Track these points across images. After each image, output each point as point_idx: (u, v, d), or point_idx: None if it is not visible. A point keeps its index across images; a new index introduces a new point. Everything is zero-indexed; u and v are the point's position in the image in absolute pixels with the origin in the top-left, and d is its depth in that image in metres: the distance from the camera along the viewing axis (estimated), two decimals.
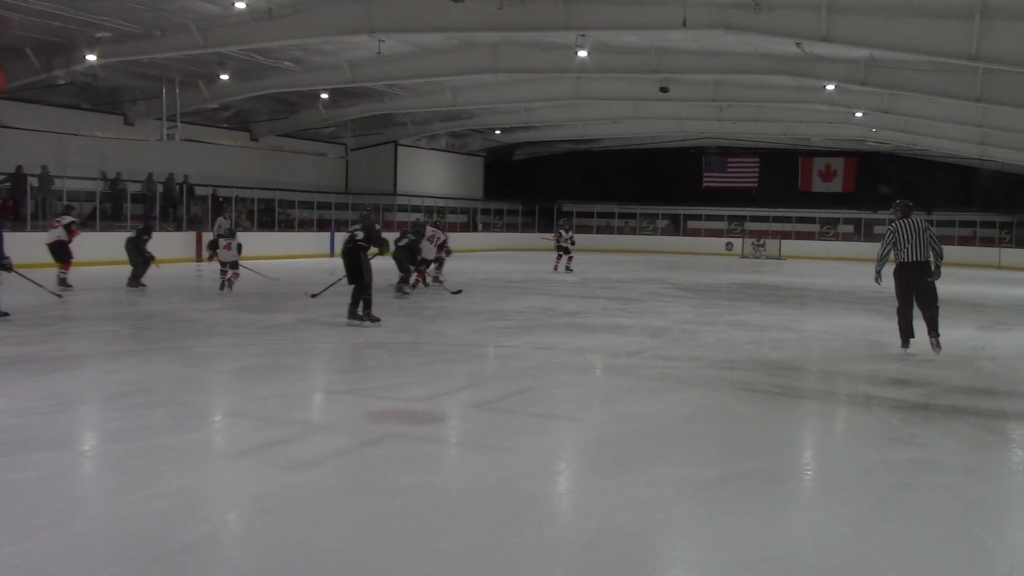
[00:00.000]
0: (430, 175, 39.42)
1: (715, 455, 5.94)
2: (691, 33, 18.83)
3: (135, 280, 16.14)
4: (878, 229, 39.70)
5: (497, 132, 38.41)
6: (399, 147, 37.29)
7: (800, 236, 39.96)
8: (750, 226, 41.19)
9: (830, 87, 23.41)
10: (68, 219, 15.89)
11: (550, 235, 27.40)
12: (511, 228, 42.25)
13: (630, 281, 14.23)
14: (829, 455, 6.30)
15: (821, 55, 20.75)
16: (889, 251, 10.36)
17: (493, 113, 33.30)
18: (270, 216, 30.31)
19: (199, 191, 27.95)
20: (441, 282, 17.39)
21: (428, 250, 16.53)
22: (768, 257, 37.18)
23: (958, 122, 26.59)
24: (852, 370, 9.56)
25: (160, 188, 26.32)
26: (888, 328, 13.01)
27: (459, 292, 15.98)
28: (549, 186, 43.60)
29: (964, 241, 37.93)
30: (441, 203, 36.94)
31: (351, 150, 36.32)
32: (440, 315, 13.54)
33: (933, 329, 10.24)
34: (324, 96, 28.54)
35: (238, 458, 5.53)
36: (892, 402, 7.76)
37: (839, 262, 34.45)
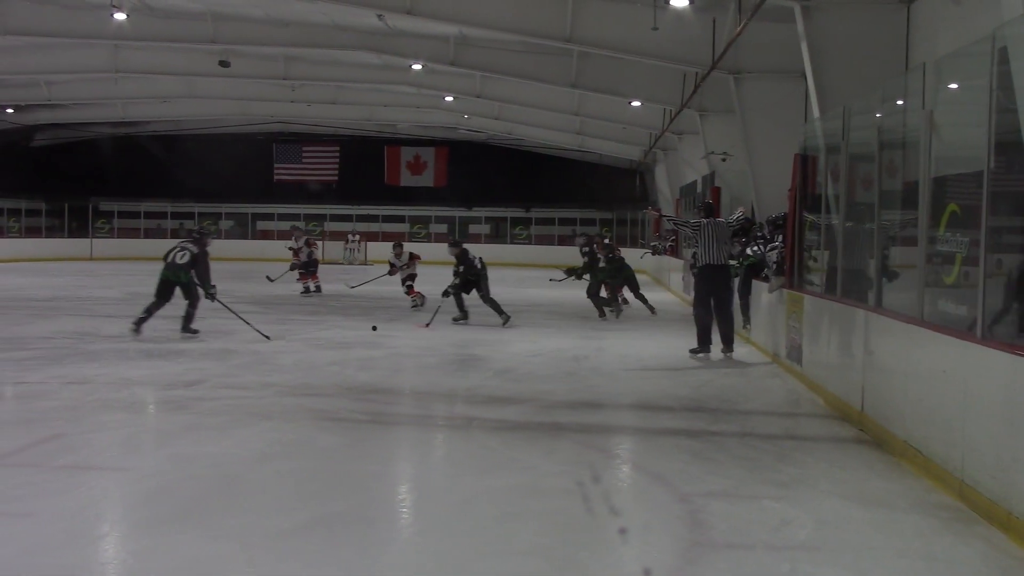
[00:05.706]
0: None
1: (295, 498, 5.99)
2: None
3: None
4: (474, 228, 42.07)
5: (9, 111, 35.74)
6: None
7: (388, 237, 40.80)
8: (331, 226, 41.70)
9: (417, 67, 24.41)
10: None
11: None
12: (32, 232, 39.44)
13: None
14: (424, 488, 6.59)
15: (406, 30, 21.60)
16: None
17: (1, 86, 30.99)
18: None
19: None
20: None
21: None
22: (351, 263, 37.59)
23: (554, 110, 28.85)
24: (449, 389, 10.07)
25: None
26: (487, 340, 13.85)
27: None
28: (82, 179, 41.35)
29: (564, 240, 41.25)
30: None
31: None
32: None
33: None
34: None
35: None
36: (492, 423, 8.28)
37: (436, 267, 35.53)
